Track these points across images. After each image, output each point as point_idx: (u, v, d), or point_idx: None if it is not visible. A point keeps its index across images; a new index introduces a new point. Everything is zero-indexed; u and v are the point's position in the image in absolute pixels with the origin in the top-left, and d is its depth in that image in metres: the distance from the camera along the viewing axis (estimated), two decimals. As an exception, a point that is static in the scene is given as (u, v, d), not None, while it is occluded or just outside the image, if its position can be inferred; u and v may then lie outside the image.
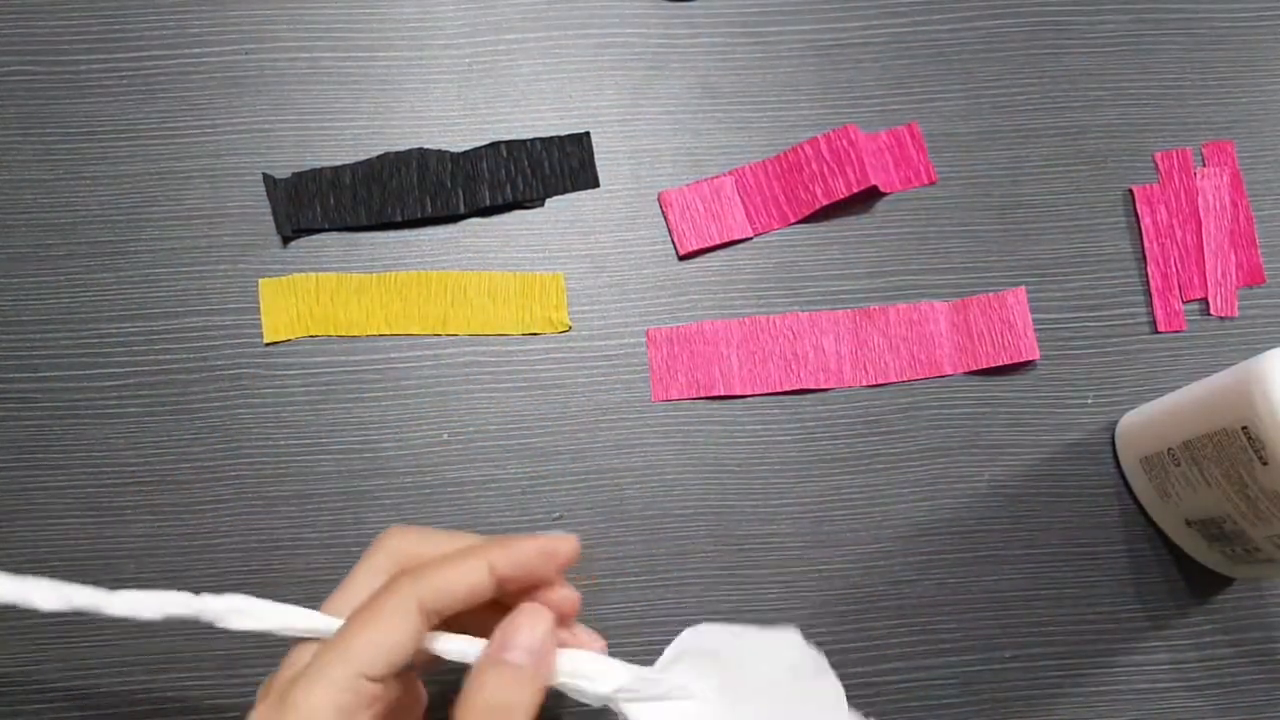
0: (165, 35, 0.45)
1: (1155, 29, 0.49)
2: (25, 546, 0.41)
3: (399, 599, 0.28)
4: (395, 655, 0.28)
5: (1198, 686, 0.43)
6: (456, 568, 0.29)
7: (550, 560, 0.31)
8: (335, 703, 0.27)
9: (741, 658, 0.31)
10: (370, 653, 0.28)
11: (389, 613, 0.28)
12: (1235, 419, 0.36)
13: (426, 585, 0.29)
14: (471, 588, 0.29)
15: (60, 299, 0.43)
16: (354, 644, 0.28)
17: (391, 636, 0.28)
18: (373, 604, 0.29)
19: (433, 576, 0.29)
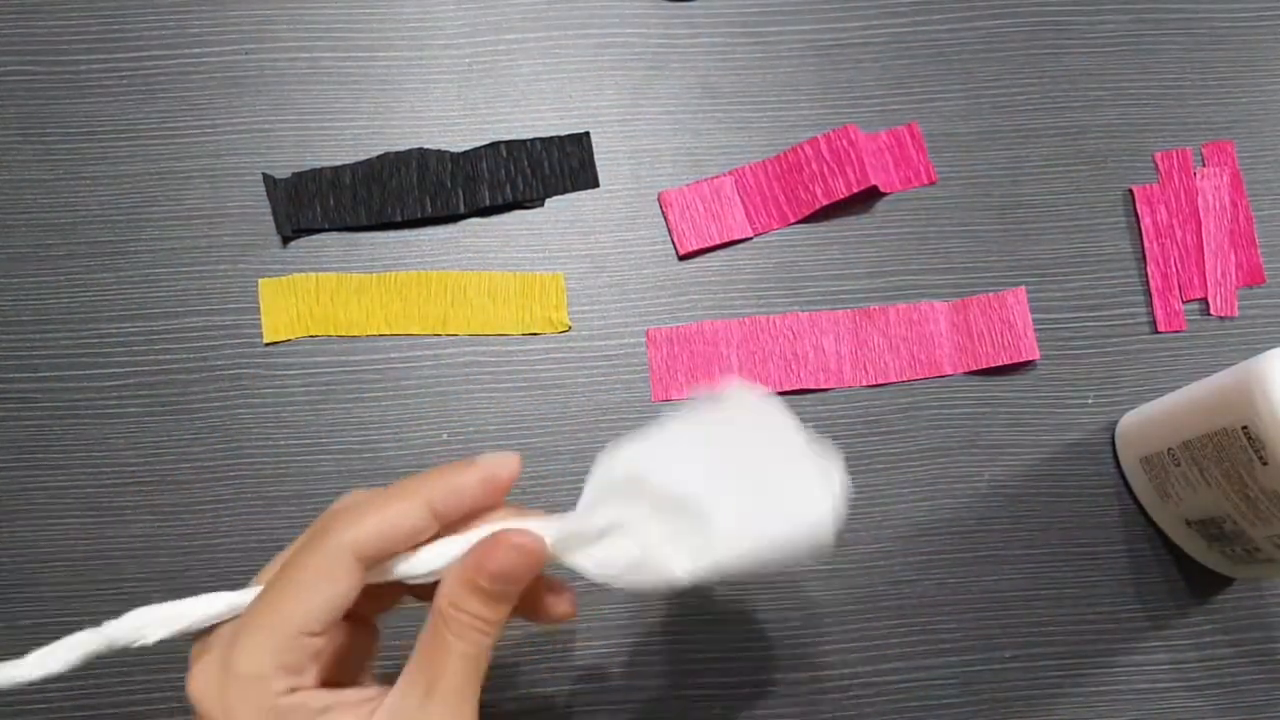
0: (165, 35, 0.45)
1: (1155, 29, 0.49)
2: (25, 546, 0.41)
3: (329, 550, 0.27)
4: (334, 608, 0.27)
5: (1198, 686, 0.43)
6: (393, 508, 0.28)
7: (493, 488, 0.29)
8: (280, 663, 0.26)
9: (660, 461, 0.28)
10: (307, 607, 0.27)
11: (322, 562, 0.27)
12: (1235, 419, 0.36)
13: (359, 530, 0.27)
14: (411, 528, 0.28)
15: (60, 299, 0.43)
16: (290, 603, 0.27)
17: (328, 588, 0.27)
18: (304, 555, 0.27)
19: (365, 521, 0.27)
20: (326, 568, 0.27)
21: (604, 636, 0.41)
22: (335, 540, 0.27)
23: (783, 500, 0.28)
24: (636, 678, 0.41)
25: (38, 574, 0.41)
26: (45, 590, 0.40)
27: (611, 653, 0.41)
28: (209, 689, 0.27)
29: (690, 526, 0.28)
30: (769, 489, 0.28)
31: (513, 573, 0.28)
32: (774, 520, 0.28)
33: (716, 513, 0.28)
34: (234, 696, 0.26)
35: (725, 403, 0.30)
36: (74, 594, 0.40)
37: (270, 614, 0.27)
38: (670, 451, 0.29)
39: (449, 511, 0.29)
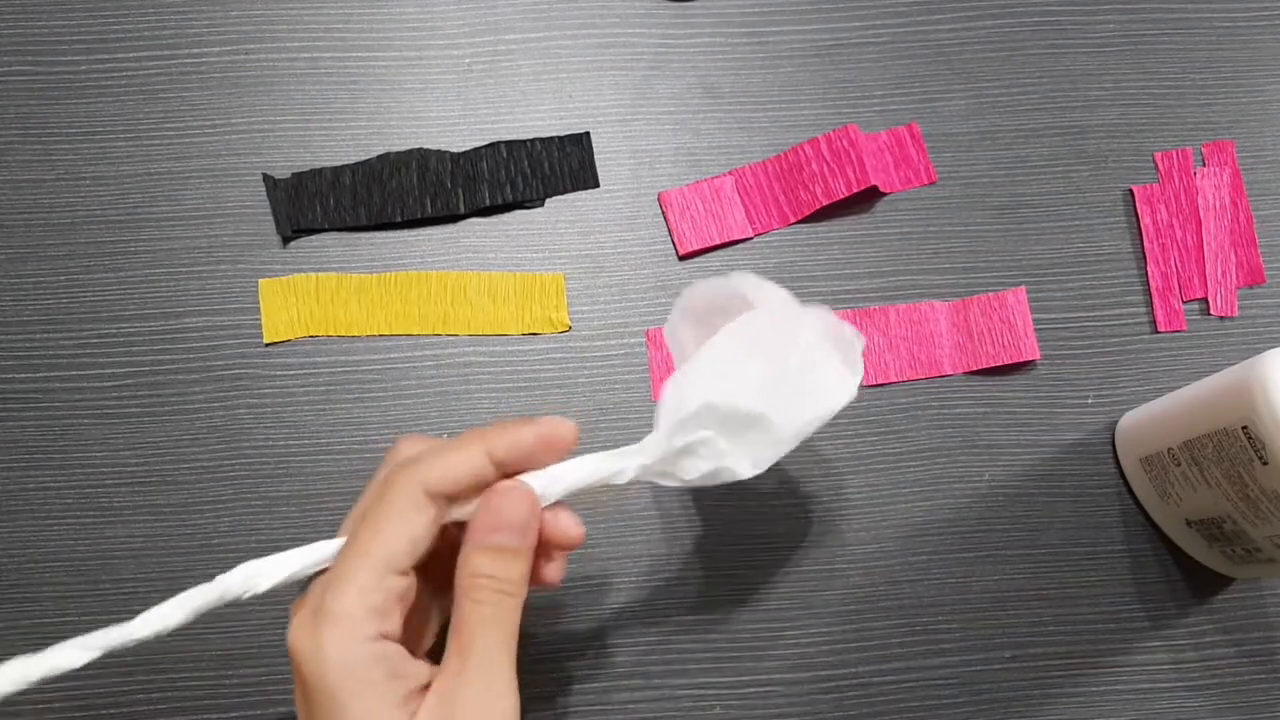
0: (165, 35, 0.45)
1: (1155, 29, 0.49)
2: (25, 546, 0.41)
3: (406, 489, 0.29)
4: (416, 543, 0.29)
5: (1198, 686, 0.43)
6: (456, 453, 0.30)
7: (549, 447, 0.31)
8: (368, 604, 0.28)
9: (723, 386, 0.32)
10: (392, 547, 0.28)
11: (401, 506, 0.29)
12: (1235, 419, 0.36)
13: (428, 471, 0.29)
14: (473, 472, 0.30)
15: (60, 299, 0.43)
16: (375, 542, 0.28)
17: (408, 526, 0.29)
18: (383, 500, 0.29)
19: (433, 463, 0.29)
20: (403, 506, 0.29)
21: (604, 636, 0.41)
22: (407, 480, 0.29)
23: (823, 389, 0.34)
24: (636, 677, 0.41)
25: (38, 574, 0.41)
26: (45, 590, 0.40)
27: (611, 653, 0.41)
28: (302, 634, 0.28)
29: (756, 435, 0.33)
30: (811, 383, 0.33)
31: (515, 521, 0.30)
32: (818, 408, 0.33)
33: (776, 419, 0.33)
34: (325, 636, 0.27)
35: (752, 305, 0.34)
36: (74, 594, 0.40)
37: (357, 555, 0.28)
38: (729, 375, 0.32)
39: (507, 460, 0.31)
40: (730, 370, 0.32)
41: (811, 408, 0.33)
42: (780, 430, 0.33)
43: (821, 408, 0.33)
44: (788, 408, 0.33)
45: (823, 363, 0.34)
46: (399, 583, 0.28)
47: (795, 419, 0.33)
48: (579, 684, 0.41)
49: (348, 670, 0.27)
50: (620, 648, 0.41)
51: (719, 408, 0.32)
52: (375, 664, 0.28)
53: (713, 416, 0.32)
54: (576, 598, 0.41)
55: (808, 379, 0.33)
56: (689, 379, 0.32)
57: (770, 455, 0.33)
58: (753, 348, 0.33)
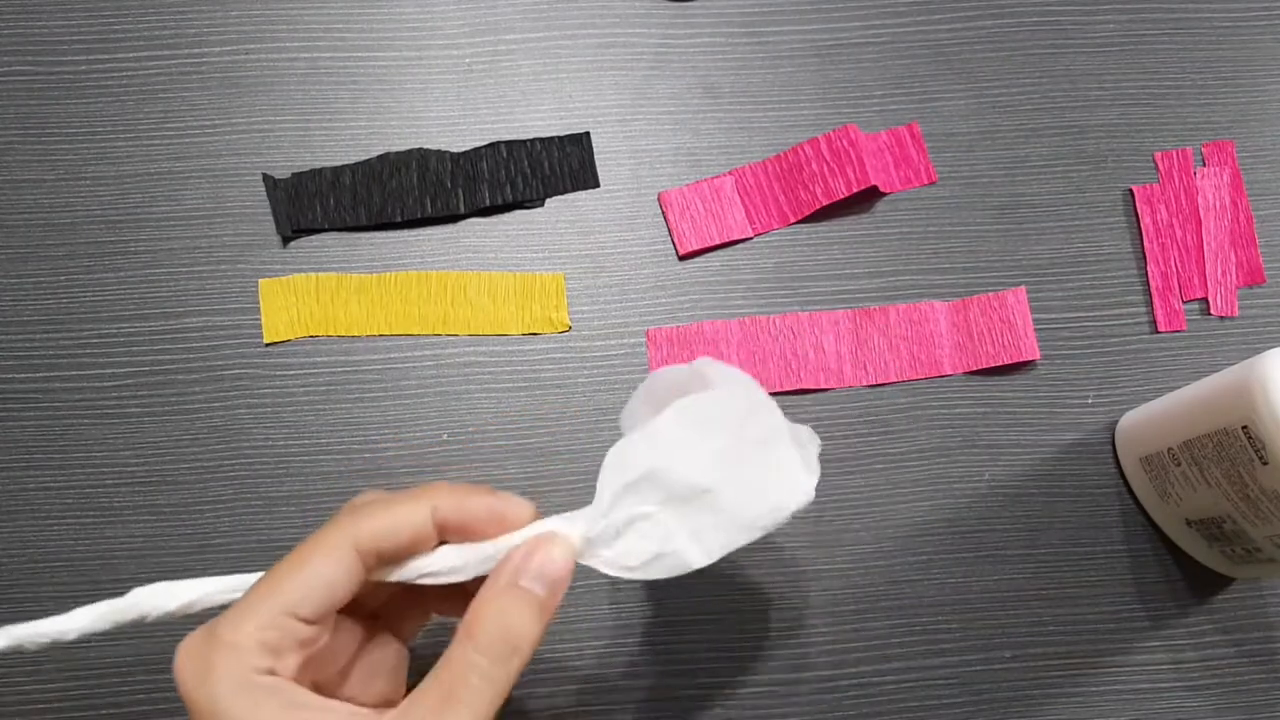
0: (165, 35, 0.45)
1: (1155, 29, 0.49)
2: (25, 546, 0.41)
3: (333, 538, 0.27)
4: (326, 592, 0.27)
5: (1198, 686, 0.43)
6: (398, 508, 0.28)
7: (497, 526, 0.29)
8: (261, 639, 0.26)
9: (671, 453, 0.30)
10: (300, 590, 0.27)
11: (322, 551, 0.27)
12: (1236, 418, 0.36)
13: (364, 525, 0.28)
14: (413, 529, 0.28)
15: (60, 299, 0.43)
16: (284, 581, 0.27)
17: (322, 574, 0.27)
18: (310, 542, 0.28)
19: (371, 516, 0.28)
20: (323, 554, 0.27)
21: (603, 636, 0.41)
22: (337, 531, 0.28)
23: (777, 482, 0.31)
24: (636, 678, 0.41)
25: (38, 574, 0.41)
26: (45, 590, 0.40)
27: (611, 653, 0.41)
28: (189, 657, 0.26)
29: (705, 515, 0.30)
30: (764, 472, 0.31)
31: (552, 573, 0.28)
32: (771, 501, 0.30)
33: (726, 500, 0.30)
34: (213, 660, 0.26)
35: (711, 386, 0.31)
36: (74, 594, 0.40)
37: (262, 590, 0.27)
38: (678, 445, 0.30)
39: (451, 524, 0.29)
40: (680, 441, 0.30)
41: (765, 499, 0.30)
42: (731, 512, 0.30)
43: (775, 501, 0.30)
44: (741, 490, 0.30)
45: (780, 454, 0.31)
46: (300, 629, 0.27)
47: (748, 505, 0.30)
48: (578, 684, 0.41)
49: (235, 699, 0.26)
50: (620, 648, 0.41)
51: (664, 477, 0.29)
52: (266, 694, 0.26)
53: (657, 488, 0.29)
54: (576, 598, 0.41)
55: (764, 465, 0.31)
56: (631, 448, 0.30)
57: (721, 541, 0.30)
58: (707, 422, 0.30)
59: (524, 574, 0.28)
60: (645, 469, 0.29)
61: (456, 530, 0.29)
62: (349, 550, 0.27)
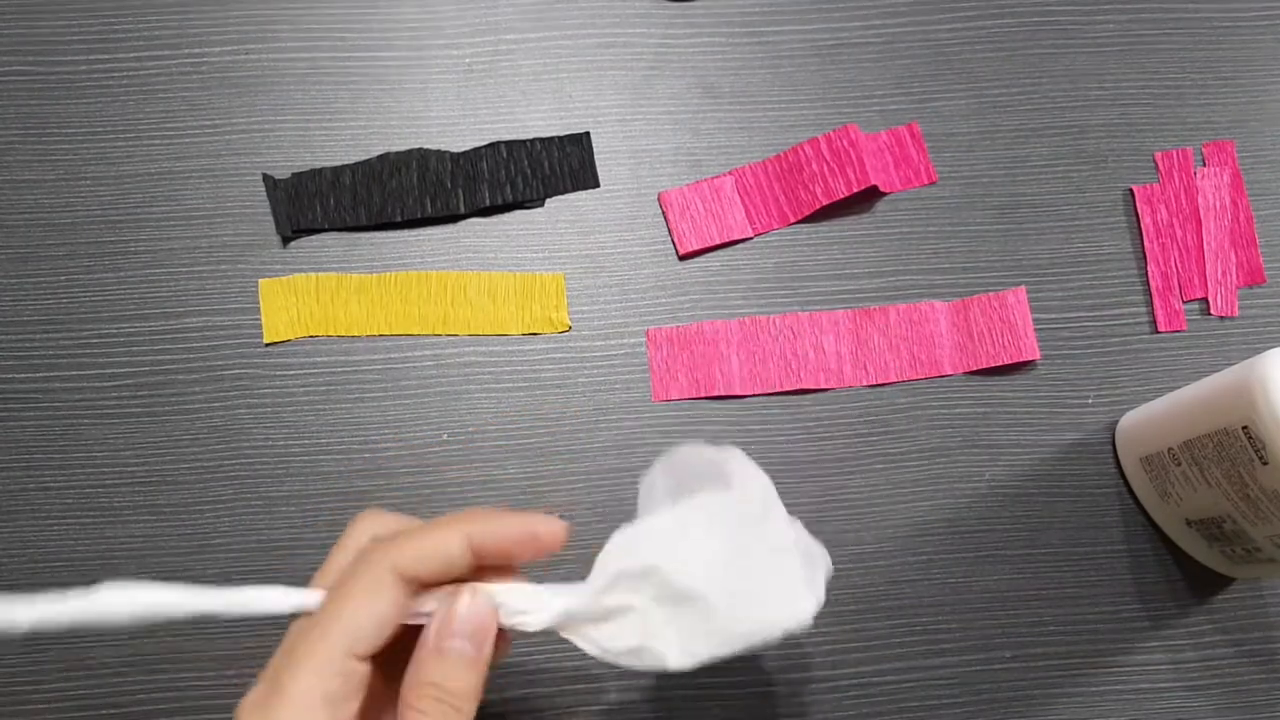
0: (165, 35, 0.45)
1: (1155, 28, 0.49)
2: (25, 546, 0.41)
3: (376, 569, 0.27)
4: (380, 627, 0.27)
5: (1198, 686, 0.43)
6: (432, 536, 0.28)
7: (531, 546, 0.30)
8: (324, 689, 0.26)
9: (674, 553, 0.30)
10: (354, 628, 0.27)
11: (367, 584, 0.27)
12: (1236, 418, 0.36)
13: (401, 553, 0.28)
14: (448, 557, 0.28)
15: (60, 299, 0.43)
16: (336, 621, 0.27)
17: (373, 608, 0.27)
18: (350, 578, 0.28)
19: (407, 544, 0.28)
20: (370, 585, 0.27)
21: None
22: (379, 559, 0.28)
23: (775, 598, 0.30)
24: (636, 677, 0.41)
25: (38, 574, 0.41)
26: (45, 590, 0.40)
27: (611, 653, 0.41)
28: (253, 711, 0.26)
29: (692, 620, 0.30)
30: (764, 586, 0.30)
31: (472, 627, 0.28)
32: (764, 617, 0.30)
33: (719, 611, 0.29)
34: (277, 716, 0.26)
35: (730, 486, 0.31)
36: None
37: (317, 636, 0.27)
38: (682, 543, 0.30)
39: (485, 548, 0.29)
40: (685, 541, 0.30)
41: (759, 613, 0.30)
42: (719, 623, 0.30)
43: (770, 617, 0.30)
44: (734, 602, 0.30)
45: (784, 570, 0.31)
46: (357, 669, 0.27)
47: (739, 618, 0.30)
48: (577, 684, 0.41)
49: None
50: (620, 648, 0.41)
51: (660, 576, 0.29)
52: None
53: (651, 583, 0.30)
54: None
55: (764, 580, 0.30)
56: (639, 536, 0.30)
57: (704, 649, 0.30)
58: (716, 527, 0.30)
59: (446, 635, 0.28)
60: (643, 564, 0.29)
61: (492, 555, 0.29)
62: (393, 579, 0.28)
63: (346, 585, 0.28)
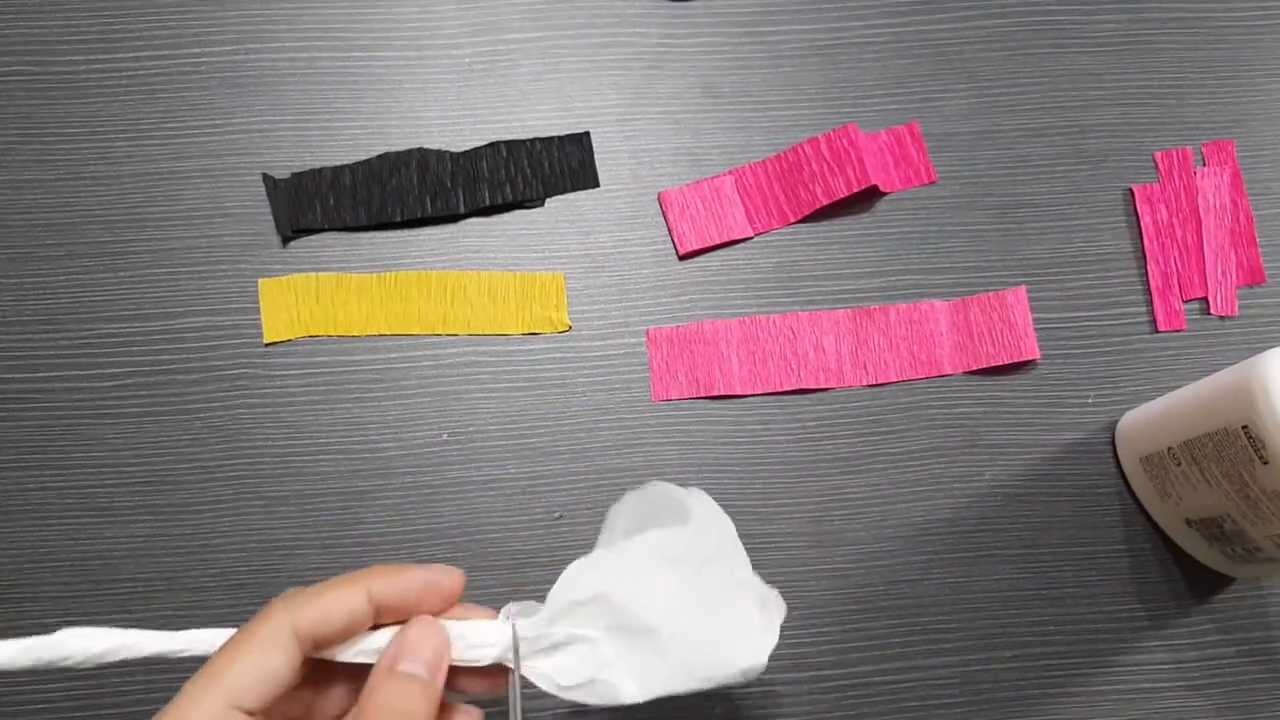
0: (165, 35, 0.45)
1: (1155, 28, 0.49)
2: (25, 547, 0.41)
3: (272, 625, 0.27)
4: (267, 684, 0.27)
5: (1198, 686, 0.43)
6: (334, 593, 0.28)
7: (433, 595, 0.30)
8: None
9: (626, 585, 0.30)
10: (242, 681, 0.27)
11: (261, 640, 0.27)
12: (1236, 418, 0.36)
13: (301, 611, 0.28)
14: (350, 613, 0.28)
15: (60, 299, 0.43)
16: (226, 673, 0.27)
17: (264, 664, 0.27)
18: (245, 631, 0.28)
19: (308, 602, 0.28)
20: (263, 641, 0.27)
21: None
22: (274, 618, 0.28)
23: (730, 636, 0.30)
24: (636, 678, 0.41)
25: (38, 574, 0.41)
26: (45, 590, 0.40)
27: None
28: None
29: (646, 653, 0.29)
30: (718, 623, 0.30)
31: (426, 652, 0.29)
32: (718, 654, 0.30)
33: (673, 645, 0.29)
34: None
35: (688, 523, 0.31)
36: (74, 594, 0.40)
37: (202, 682, 0.27)
38: (636, 575, 0.30)
39: (388, 602, 0.29)
40: (638, 573, 0.30)
41: (713, 650, 0.30)
42: (673, 656, 0.29)
43: (724, 655, 0.30)
44: (689, 637, 0.30)
45: (738, 609, 0.31)
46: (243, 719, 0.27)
47: (693, 653, 0.30)
48: (579, 684, 0.41)
49: None
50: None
51: (613, 604, 0.29)
52: None
53: (603, 614, 0.29)
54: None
55: (718, 617, 0.30)
56: (592, 566, 0.30)
57: (659, 683, 0.29)
58: (671, 561, 0.30)
59: (401, 659, 0.28)
60: (596, 592, 0.29)
61: (395, 609, 0.29)
62: (288, 637, 0.27)
63: (239, 638, 0.27)
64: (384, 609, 0.29)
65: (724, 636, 0.30)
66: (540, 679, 0.30)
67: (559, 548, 0.42)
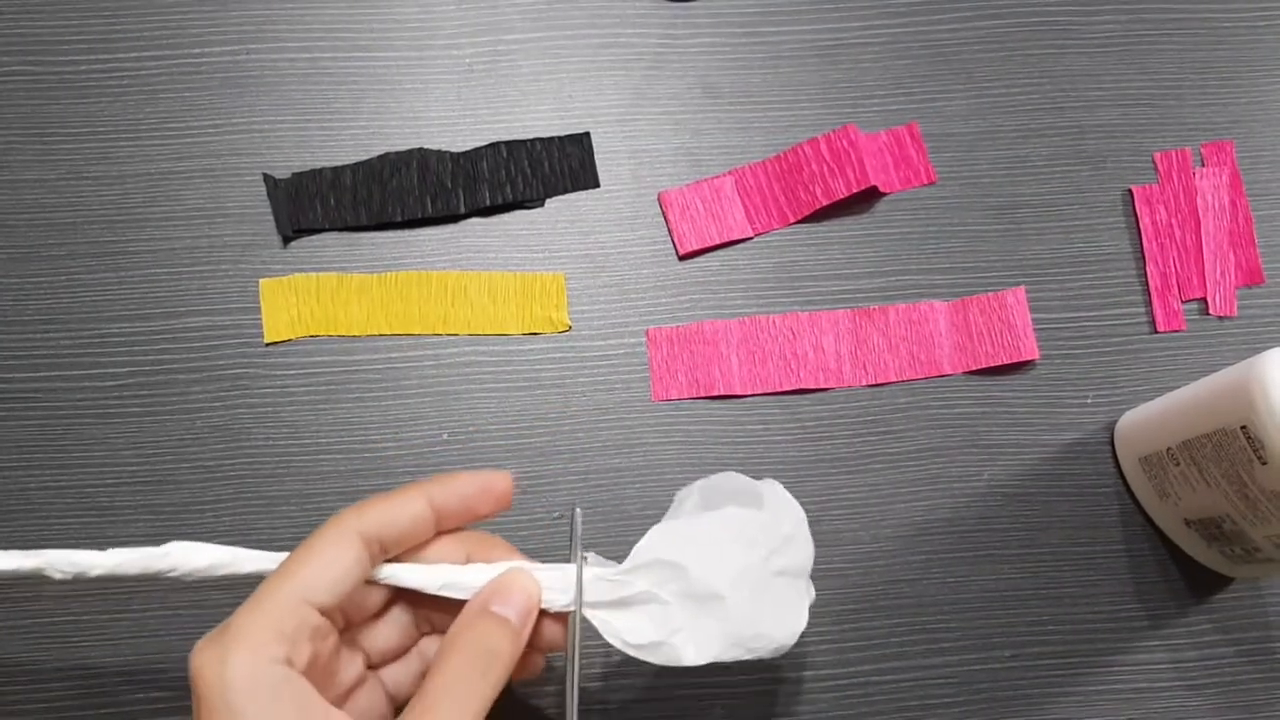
0: (165, 35, 0.45)
1: (1155, 29, 0.49)
2: (25, 546, 0.41)
3: (340, 529, 0.29)
4: (339, 582, 0.29)
5: (1197, 686, 0.43)
6: (396, 500, 0.30)
7: (487, 496, 0.32)
8: (277, 625, 0.27)
9: (705, 556, 0.32)
10: (312, 578, 0.28)
11: (331, 541, 0.29)
12: (1234, 419, 0.36)
13: (367, 516, 0.30)
14: (412, 518, 0.30)
15: (60, 299, 0.43)
16: (299, 571, 0.28)
17: (335, 563, 0.29)
18: (315, 536, 0.29)
19: (372, 509, 0.30)
20: (334, 541, 0.29)
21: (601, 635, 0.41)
22: (344, 521, 0.29)
23: (782, 615, 0.33)
24: (636, 677, 0.41)
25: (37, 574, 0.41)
26: (45, 590, 0.40)
27: (610, 651, 0.41)
28: (205, 651, 0.27)
29: (709, 620, 0.32)
30: (775, 602, 0.33)
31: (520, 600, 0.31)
32: (770, 631, 0.33)
33: (734, 613, 0.32)
34: (230, 654, 0.26)
35: (762, 508, 0.34)
36: (74, 594, 0.40)
37: (274, 581, 0.28)
38: (711, 547, 0.33)
39: (446, 508, 0.31)
40: (712, 547, 0.33)
41: (767, 626, 0.33)
42: (734, 625, 0.32)
43: (773, 632, 0.33)
44: (748, 608, 0.32)
45: (797, 590, 0.34)
46: (313, 617, 0.28)
47: (750, 623, 0.32)
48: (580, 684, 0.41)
49: (252, 690, 0.26)
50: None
51: (688, 573, 0.32)
52: (282, 688, 0.26)
53: (677, 578, 0.32)
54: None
55: (776, 596, 0.33)
56: (672, 534, 0.33)
57: (715, 648, 0.32)
58: (744, 540, 0.33)
59: (494, 601, 0.30)
60: (676, 558, 0.32)
61: (454, 514, 0.31)
62: (355, 538, 0.29)
63: (311, 542, 0.29)
64: (444, 514, 0.31)
65: (778, 615, 0.33)
66: (609, 633, 0.32)
67: (559, 548, 0.42)
